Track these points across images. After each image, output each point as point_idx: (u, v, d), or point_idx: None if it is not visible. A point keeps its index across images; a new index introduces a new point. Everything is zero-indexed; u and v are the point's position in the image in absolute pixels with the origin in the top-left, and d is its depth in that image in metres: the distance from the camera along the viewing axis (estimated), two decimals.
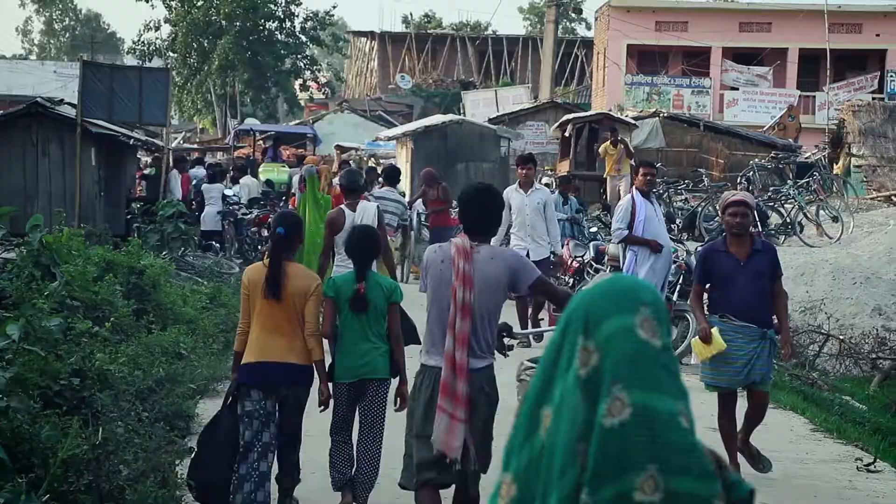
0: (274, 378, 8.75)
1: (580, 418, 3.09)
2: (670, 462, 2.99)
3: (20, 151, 24.04)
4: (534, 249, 16.76)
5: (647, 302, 3.19)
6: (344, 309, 9.03)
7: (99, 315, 12.68)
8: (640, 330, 3.12)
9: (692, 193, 31.14)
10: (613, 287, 3.24)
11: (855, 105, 36.48)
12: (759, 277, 10.44)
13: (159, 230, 22.60)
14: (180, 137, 62.77)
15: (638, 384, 3.05)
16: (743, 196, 10.87)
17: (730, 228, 10.60)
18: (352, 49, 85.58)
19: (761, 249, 10.60)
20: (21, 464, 7.54)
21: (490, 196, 7.67)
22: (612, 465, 3.01)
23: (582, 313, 3.20)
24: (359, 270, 9.08)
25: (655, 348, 3.11)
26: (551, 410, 3.18)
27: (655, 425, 3.02)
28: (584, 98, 63.25)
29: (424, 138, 36.55)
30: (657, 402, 3.04)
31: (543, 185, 18.73)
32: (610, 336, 3.12)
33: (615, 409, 3.04)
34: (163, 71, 29.63)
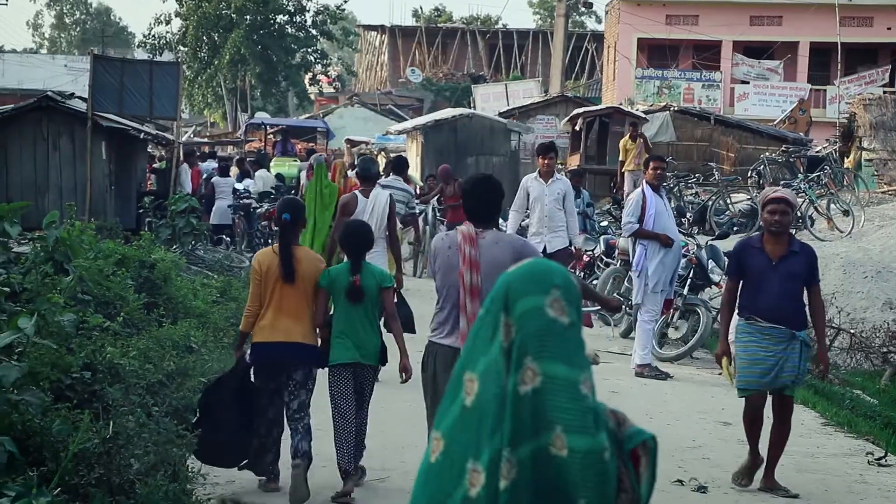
0: (286, 357, 9.43)
1: (502, 384, 3.58)
2: (572, 423, 3.52)
3: (31, 145, 24.07)
4: (550, 241, 16.30)
5: (559, 284, 3.66)
6: (340, 299, 9.48)
7: (111, 310, 12.71)
8: (550, 309, 3.60)
9: (703, 187, 31.11)
10: (531, 270, 3.71)
11: (866, 99, 36.39)
12: (792, 279, 10.04)
13: (171, 224, 22.63)
14: (191, 131, 62.81)
15: (547, 356, 3.55)
16: (784, 193, 10.37)
17: (768, 226, 10.18)
18: (362, 43, 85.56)
19: (798, 251, 10.17)
20: (32, 457, 7.56)
21: (490, 185, 8.18)
22: (527, 427, 3.52)
23: (503, 292, 3.67)
24: (354, 263, 9.55)
25: (563, 325, 3.60)
26: (475, 376, 3.64)
27: (561, 392, 3.53)
28: (595, 92, 63.17)
29: (435, 132, 36.53)
30: (563, 372, 3.55)
31: (564, 176, 17.99)
32: (524, 313, 3.60)
33: (527, 378, 3.55)
34: (173, 65, 29.63)
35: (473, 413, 3.64)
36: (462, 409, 3.68)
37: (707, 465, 10.95)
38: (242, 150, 48.29)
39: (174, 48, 70.47)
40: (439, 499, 3.68)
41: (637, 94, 51.41)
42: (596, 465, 3.54)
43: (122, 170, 25.79)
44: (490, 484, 3.54)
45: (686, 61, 55.68)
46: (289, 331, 9.44)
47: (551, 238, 16.32)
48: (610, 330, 18.58)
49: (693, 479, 10.24)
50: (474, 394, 3.65)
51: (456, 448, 3.66)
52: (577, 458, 3.52)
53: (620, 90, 53.08)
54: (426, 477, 3.76)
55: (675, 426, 12.46)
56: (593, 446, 3.54)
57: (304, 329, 9.49)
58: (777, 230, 10.10)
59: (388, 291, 9.67)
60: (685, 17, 54.61)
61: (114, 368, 10.00)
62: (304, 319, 9.50)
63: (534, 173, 16.82)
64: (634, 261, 15.44)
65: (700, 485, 10.13)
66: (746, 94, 53.01)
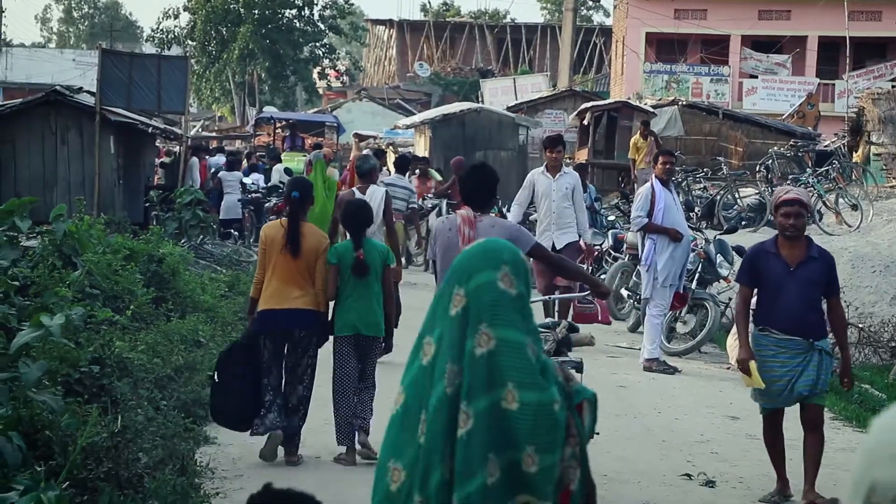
0: (289, 322, 10.23)
1: (455, 346, 4.18)
2: (522, 380, 4.12)
3: (39, 139, 24.09)
4: (559, 237, 15.93)
5: (508, 261, 4.28)
6: (346, 274, 10.28)
7: (119, 304, 12.74)
8: (501, 282, 4.21)
9: (711, 182, 31.06)
10: (483, 248, 4.32)
11: (874, 93, 36.32)
12: (809, 286, 9.46)
13: (177, 218, 22.65)
14: (199, 125, 62.81)
15: (499, 323, 4.16)
16: (797, 194, 9.72)
17: (782, 230, 9.56)
18: (370, 37, 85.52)
19: (817, 257, 9.56)
20: (41, 451, 7.58)
21: (486, 172, 9.00)
22: (483, 383, 4.12)
23: (459, 268, 4.28)
24: (356, 240, 10.40)
25: (512, 296, 4.22)
26: (433, 340, 4.27)
27: (512, 353, 4.14)
28: (603, 86, 63.15)
29: (443, 126, 36.52)
30: (513, 336, 4.16)
31: (572, 170, 17.35)
32: (478, 286, 4.21)
33: (482, 341, 4.15)
34: (181, 59, 29.65)
35: (428, 371, 4.25)
36: (419, 367, 4.30)
37: (715, 459, 10.94)
38: (251, 144, 48.26)
39: (182, 42, 70.45)
40: (398, 445, 4.30)
41: (645, 88, 51.34)
42: (547, 415, 4.15)
43: (130, 164, 25.81)
44: (431, 430, 4.15)
45: (694, 56, 55.62)
46: (291, 298, 10.21)
47: (559, 234, 15.98)
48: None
49: (701, 473, 10.23)
50: (430, 355, 4.28)
51: (412, 401, 4.29)
52: (528, 410, 4.12)
53: (629, 84, 53.04)
54: (391, 431, 4.41)
55: (684, 420, 12.46)
56: (543, 399, 4.14)
57: (306, 297, 10.24)
58: (793, 234, 9.52)
59: (389, 269, 10.53)
60: (693, 11, 54.55)
61: (122, 363, 10.03)
62: (307, 288, 10.25)
63: (541, 167, 16.42)
64: (644, 255, 15.40)
65: (708, 479, 10.13)
66: (755, 88, 52.92)
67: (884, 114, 34.12)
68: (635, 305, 17.68)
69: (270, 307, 10.24)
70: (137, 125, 25.70)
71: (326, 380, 10.51)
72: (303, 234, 10.32)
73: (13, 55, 73.65)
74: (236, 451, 10.44)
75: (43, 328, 7.29)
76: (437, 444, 4.19)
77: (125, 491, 7.66)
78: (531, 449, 4.09)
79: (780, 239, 9.62)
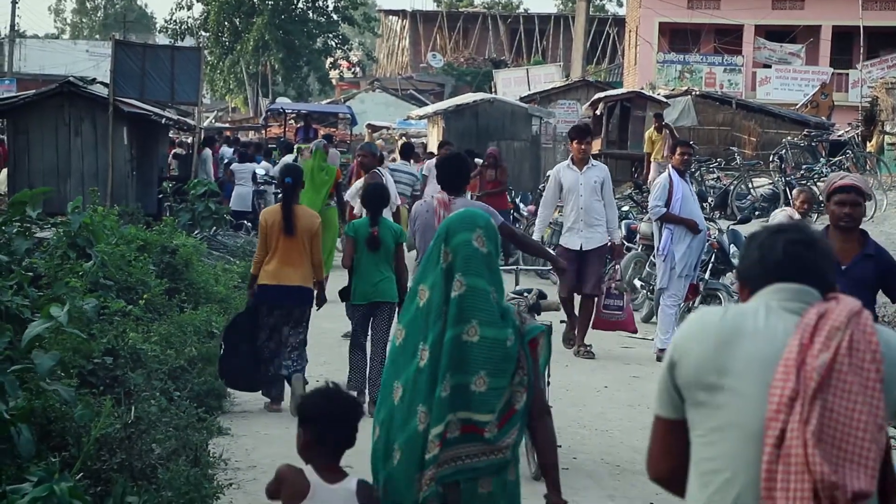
0: (287, 298, 11.63)
1: (443, 292, 5.16)
2: (483, 318, 5.09)
3: (53, 131, 24.11)
4: (587, 239, 14.89)
5: (481, 225, 5.27)
6: (361, 246, 11.62)
7: (133, 296, 12.76)
8: (475, 242, 5.20)
9: (724, 172, 31.02)
10: (462, 215, 5.33)
11: (889, 82, 36.20)
12: (864, 288, 8.15)
13: (190, 209, 22.68)
14: (212, 116, 62.88)
15: (470, 273, 5.15)
16: (853, 179, 8.70)
17: (836, 221, 8.49)
18: (383, 28, 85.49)
19: (873, 254, 8.55)
20: (55, 442, 7.60)
21: (460, 161, 10.48)
22: (455, 319, 5.09)
23: (444, 231, 5.26)
24: (372, 217, 11.72)
25: (483, 253, 5.20)
26: (426, 287, 5.23)
27: (478, 297, 5.12)
28: (616, 76, 63.04)
29: (456, 117, 36.47)
30: (480, 284, 5.14)
31: (601, 162, 15.90)
32: (457, 245, 5.20)
33: (457, 287, 5.13)
34: (195, 50, 29.66)
35: (423, 311, 5.21)
36: (416, 309, 5.26)
37: None
38: (263, 135, 48.25)
39: (196, 33, 70.51)
40: (400, 369, 5.26)
41: (658, 78, 51.26)
42: (501, 348, 5.09)
43: (143, 155, 25.82)
44: (432, 357, 5.11)
45: (708, 45, 55.51)
46: (288, 276, 11.55)
47: (589, 234, 14.92)
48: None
49: None
50: (425, 299, 5.23)
51: (411, 335, 5.25)
52: (486, 343, 5.07)
53: (642, 75, 52.96)
54: (393, 356, 5.37)
55: None
56: (499, 335, 5.09)
57: (301, 274, 11.63)
58: (848, 225, 8.46)
59: (400, 247, 11.75)
60: (707, 0, 54.43)
61: (135, 354, 10.05)
62: (302, 266, 11.62)
63: (565, 161, 15.37)
64: (661, 245, 15.26)
65: None
66: (768, 78, 52.81)
67: None
68: (648, 296, 17.63)
69: (270, 283, 11.59)
70: (151, 116, 25.72)
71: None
72: (297, 216, 11.66)
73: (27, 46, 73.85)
74: (250, 441, 10.46)
75: (53, 319, 7.31)
76: (441, 365, 5.13)
77: (139, 482, 7.67)
78: (483, 373, 5.06)
79: (832, 231, 8.52)
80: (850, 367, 3.43)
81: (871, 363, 3.45)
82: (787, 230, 3.79)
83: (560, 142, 38.90)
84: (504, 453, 5.13)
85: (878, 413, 3.41)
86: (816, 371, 3.41)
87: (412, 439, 5.11)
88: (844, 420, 3.38)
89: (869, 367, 3.44)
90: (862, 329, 3.51)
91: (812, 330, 3.51)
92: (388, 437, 5.21)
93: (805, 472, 3.35)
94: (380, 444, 5.24)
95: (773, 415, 3.43)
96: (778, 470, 3.39)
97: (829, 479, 3.30)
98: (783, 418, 3.41)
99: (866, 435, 3.37)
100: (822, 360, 3.42)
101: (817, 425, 3.35)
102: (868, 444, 3.37)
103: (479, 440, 5.09)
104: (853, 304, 3.60)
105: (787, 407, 3.41)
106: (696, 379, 3.66)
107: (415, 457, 5.09)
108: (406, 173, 21.31)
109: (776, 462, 3.40)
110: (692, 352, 3.71)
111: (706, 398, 3.63)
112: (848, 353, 3.45)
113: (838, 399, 3.39)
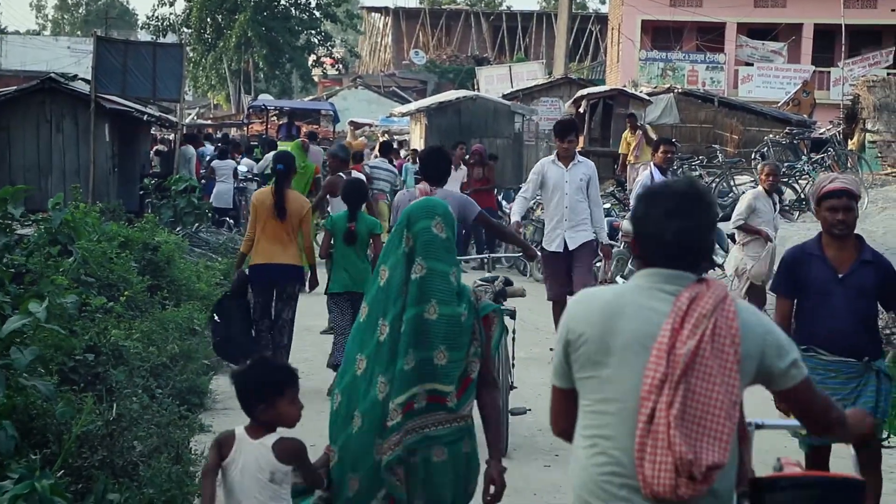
0: (276, 275, 12.38)
1: (404, 273, 5.61)
2: (442, 298, 5.56)
3: (34, 127, 24.07)
4: (571, 237, 14.04)
5: (440, 213, 5.71)
6: (338, 240, 12.28)
7: (115, 292, 12.73)
8: (434, 228, 5.66)
9: (706, 169, 31.05)
10: (422, 204, 5.78)
11: (870, 80, 36.29)
12: (861, 296, 7.85)
13: (172, 206, 22.65)
14: (194, 113, 62.76)
15: (430, 256, 5.60)
16: (844, 183, 8.02)
17: (828, 227, 7.91)
18: (365, 25, 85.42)
19: (871, 260, 7.95)
20: (36, 439, 7.57)
21: (441, 154, 11.11)
22: (416, 299, 5.55)
23: (406, 218, 5.70)
24: (351, 212, 12.37)
25: (441, 238, 5.65)
26: (387, 268, 5.70)
27: (437, 279, 5.58)
28: (599, 74, 63.07)
29: (438, 114, 36.47)
30: (438, 266, 5.60)
31: (587, 159, 14.95)
32: (418, 231, 5.65)
33: (417, 269, 5.59)
34: (177, 47, 29.62)
35: (384, 290, 5.68)
36: (378, 288, 5.72)
37: None
38: (245, 132, 48.17)
39: (178, 30, 70.36)
40: (363, 343, 5.72)
41: (641, 76, 51.31)
42: (457, 323, 5.57)
43: (125, 152, 25.78)
44: (393, 333, 5.58)
45: (690, 43, 55.59)
46: (278, 255, 12.29)
47: (572, 233, 14.06)
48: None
49: None
50: (385, 278, 5.70)
51: (373, 312, 5.71)
52: (444, 319, 5.54)
53: (624, 72, 52.99)
54: (356, 331, 5.83)
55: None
56: (455, 312, 5.57)
57: (290, 254, 12.38)
58: (842, 232, 7.87)
59: (377, 237, 12.33)
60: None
61: (117, 351, 10.02)
62: (291, 247, 12.38)
63: (550, 156, 14.64)
64: None
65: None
66: (750, 76, 52.91)
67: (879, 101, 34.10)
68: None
69: (260, 262, 12.32)
70: (132, 113, 25.67)
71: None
72: (288, 200, 12.39)
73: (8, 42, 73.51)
74: None
75: (32, 315, 7.29)
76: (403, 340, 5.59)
77: (120, 479, 7.66)
78: (443, 347, 5.54)
79: (826, 238, 7.98)
80: (712, 352, 4.06)
81: (731, 346, 4.09)
82: (677, 214, 4.25)
83: (542, 139, 38.95)
84: (466, 420, 5.65)
85: (733, 392, 4.06)
86: (682, 358, 4.03)
87: (372, 407, 5.59)
88: (704, 401, 4.02)
89: (728, 350, 4.08)
90: (725, 315, 4.12)
91: (683, 315, 4.11)
92: (349, 404, 5.70)
93: (668, 448, 3.97)
94: (341, 410, 5.73)
95: (645, 395, 4.04)
96: (647, 443, 4.00)
97: (685, 458, 3.93)
98: (654, 398, 4.02)
99: (722, 413, 4.02)
100: (689, 346, 4.04)
101: (679, 408, 3.98)
102: (723, 421, 4.01)
103: (444, 409, 5.58)
104: (720, 290, 4.19)
105: (657, 389, 4.02)
106: (584, 357, 4.24)
107: (374, 424, 5.58)
108: (385, 170, 21.99)
109: (647, 436, 4.01)
110: (581, 332, 4.25)
111: (593, 373, 4.22)
112: (711, 339, 4.07)
113: (700, 381, 4.03)
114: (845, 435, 4.76)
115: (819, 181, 8.23)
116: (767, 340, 4.26)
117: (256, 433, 5.64)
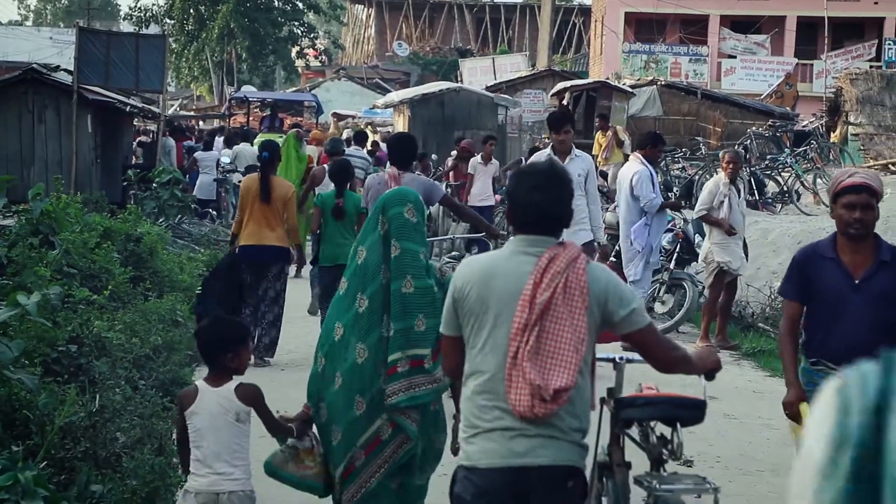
0: (264, 256, 13.45)
1: (380, 253, 6.39)
2: (416, 274, 6.33)
3: (16, 118, 23.97)
4: (570, 235, 13.01)
5: (411, 200, 6.49)
6: (327, 216, 13.32)
7: (97, 283, 12.69)
8: (406, 214, 6.41)
9: (689, 162, 31.12)
10: (396, 193, 6.63)
11: (852, 73, 36.41)
12: (881, 304, 6.88)
13: (155, 197, 22.59)
14: (177, 104, 62.61)
15: (404, 238, 6.37)
16: (864, 178, 6.97)
17: (844, 227, 6.92)
18: (349, 16, 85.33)
19: (889, 261, 6.94)
20: (18, 431, 7.55)
21: (409, 140, 12.26)
22: (395, 274, 6.33)
23: (382, 204, 6.47)
24: (338, 190, 13.47)
25: (413, 223, 6.42)
26: (365, 248, 6.48)
27: (411, 257, 6.35)
28: (582, 66, 63.13)
29: (421, 106, 36.47)
30: (411, 246, 6.37)
31: (584, 153, 14.06)
32: (393, 215, 6.40)
33: (394, 250, 6.35)
34: (159, 38, 29.57)
35: (362, 267, 6.46)
36: (356, 266, 6.49)
37: (693, 438, 10.90)
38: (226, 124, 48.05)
39: (160, 21, 70.19)
40: (341, 311, 6.52)
41: (624, 68, 51.37)
42: (429, 295, 6.33)
43: (107, 143, 25.69)
44: (371, 305, 6.39)
45: (673, 35, 55.68)
46: (266, 236, 13.32)
47: (571, 235, 12.23)
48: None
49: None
50: (363, 258, 6.47)
51: (352, 287, 6.50)
52: (419, 291, 6.32)
53: (608, 64, 53.06)
54: (335, 304, 6.64)
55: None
56: (426, 284, 6.35)
57: (277, 235, 13.40)
58: (859, 233, 6.89)
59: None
60: None
61: (100, 342, 10.00)
62: (277, 229, 13.39)
63: (546, 149, 14.11)
64: (638, 238, 15.08)
65: (686, 458, 10.13)
66: (733, 68, 53.03)
67: (861, 94, 34.21)
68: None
69: (249, 243, 13.32)
70: (115, 104, 25.60)
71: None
72: (272, 186, 13.46)
73: None
74: None
75: (19, 307, 7.27)
76: (378, 313, 6.39)
77: (103, 470, 7.65)
78: (421, 315, 6.32)
79: (841, 239, 7.02)
80: (564, 301, 4.96)
81: (580, 296, 4.97)
82: (538, 188, 5.15)
83: (525, 131, 38.95)
84: (442, 381, 6.37)
85: (580, 332, 4.95)
86: (538, 306, 4.94)
87: (352, 369, 6.44)
88: (555, 339, 4.94)
89: (577, 299, 4.97)
90: (576, 272, 5.00)
91: (542, 271, 5.00)
92: (331, 366, 6.54)
93: (525, 377, 4.88)
94: (326, 372, 6.56)
95: (513, 336, 4.95)
96: (513, 375, 4.92)
97: (534, 384, 4.85)
98: (518, 339, 4.94)
99: (570, 348, 4.93)
100: (545, 297, 4.94)
101: (534, 345, 4.92)
102: (571, 355, 4.93)
103: (423, 371, 6.36)
104: (573, 251, 5.09)
105: (521, 332, 4.94)
106: (469, 310, 5.10)
107: (354, 383, 6.44)
108: (359, 158, 22.47)
109: (513, 370, 4.92)
110: (466, 290, 5.10)
111: (475, 323, 5.08)
112: (563, 290, 4.97)
113: (552, 324, 4.95)
114: (691, 371, 5.75)
115: (837, 175, 7.17)
116: (610, 290, 5.08)
117: (217, 382, 6.41)
